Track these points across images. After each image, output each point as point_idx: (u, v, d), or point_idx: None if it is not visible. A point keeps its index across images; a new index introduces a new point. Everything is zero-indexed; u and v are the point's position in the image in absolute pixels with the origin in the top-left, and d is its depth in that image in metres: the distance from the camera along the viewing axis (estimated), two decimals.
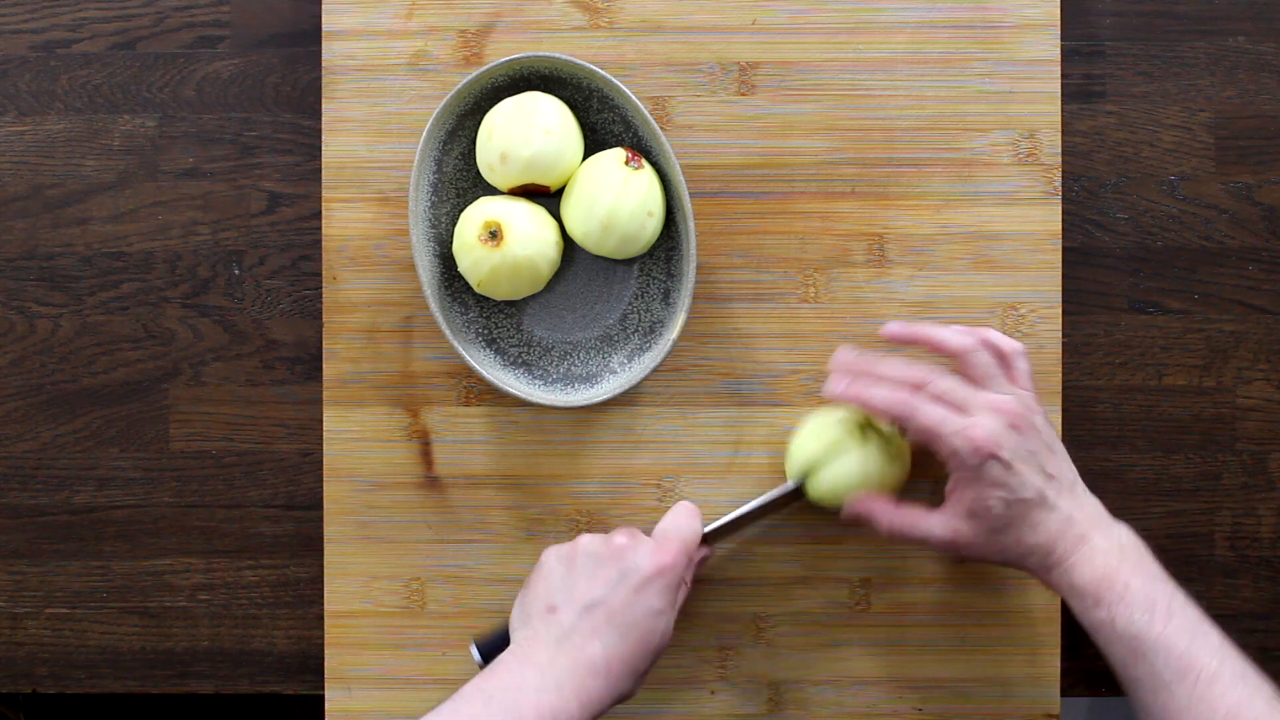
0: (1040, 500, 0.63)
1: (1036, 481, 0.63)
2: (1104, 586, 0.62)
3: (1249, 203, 0.75)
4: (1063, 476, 0.64)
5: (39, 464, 0.77)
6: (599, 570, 0.65)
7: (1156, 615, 0.60)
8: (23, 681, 0.77)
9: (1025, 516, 0.63)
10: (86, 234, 0.77)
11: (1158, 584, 0.62)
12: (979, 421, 0.63)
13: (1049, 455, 0.64)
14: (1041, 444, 0.64)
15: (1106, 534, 0.64)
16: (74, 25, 0.77)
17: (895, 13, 0.73)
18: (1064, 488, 0.64)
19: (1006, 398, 0.64)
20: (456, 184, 0.72)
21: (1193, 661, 0.59)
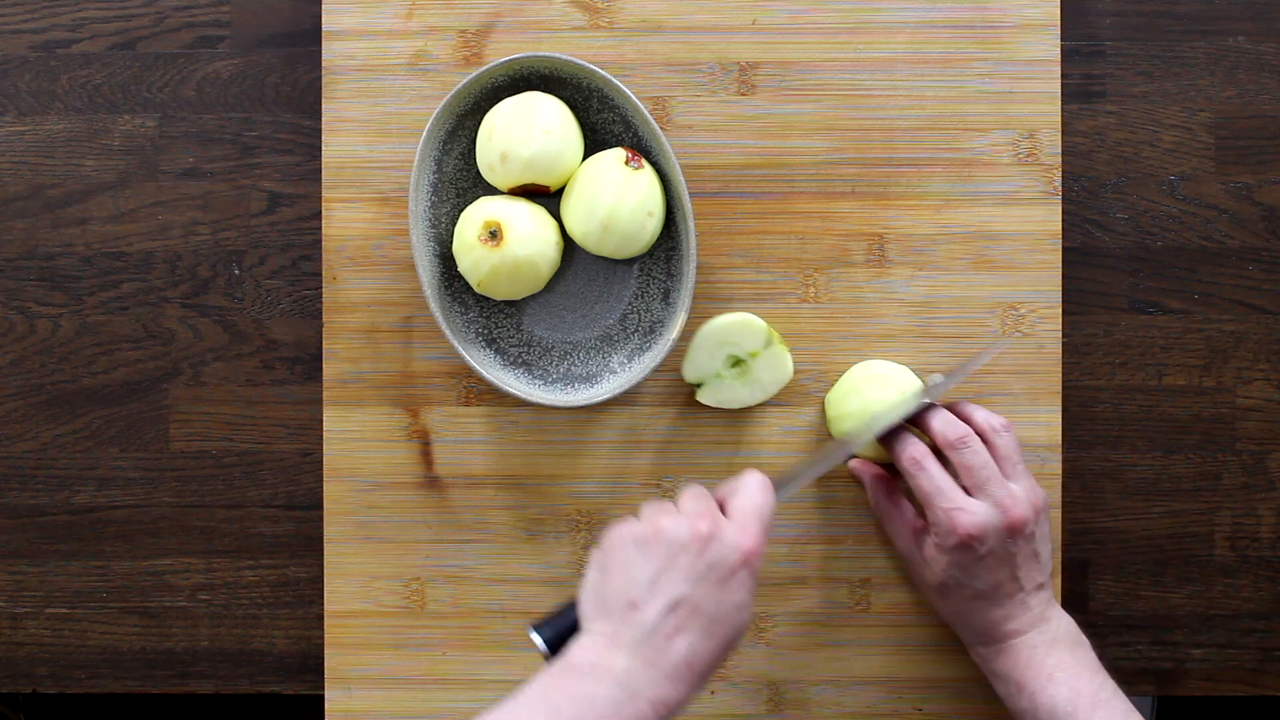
0: (991, 594, 0.66)
1: (998, 578, 0.66)
2: (1027, 675, 0.65)
3: (1249, 203, 0.75)
4: (1029, 581, 0.66)
5: (39, 464, 0.77)
6: (684, 560, 0.58)
7: (1080, 706, 0.63)
8: (23, 681, 0.77)
9: (969, 599, 0.67)
10: (86, 234, 0.77)
11: (1084, 675, 0.64)
12: (973, 510, 0.65)
13: (1029, 561, 0.66)
14: (1028, 551, 0.66)
15: (1045, 629, 0.66)
16: (74, 25, 0.77)
17: (895, 13, 0.73)
18: (1019, 591, 0.66)
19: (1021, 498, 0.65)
20: (456, 184, 0.72)
21: None
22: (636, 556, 0.59)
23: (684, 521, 0.60)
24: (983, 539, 0.64)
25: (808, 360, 0.74)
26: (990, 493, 0.65)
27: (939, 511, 0.65)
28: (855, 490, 0.74)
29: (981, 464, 0.66)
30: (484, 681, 0.75)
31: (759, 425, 0.74)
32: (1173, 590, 0.76)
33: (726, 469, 0.74)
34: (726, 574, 0.59)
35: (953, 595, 0.67)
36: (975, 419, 0.68)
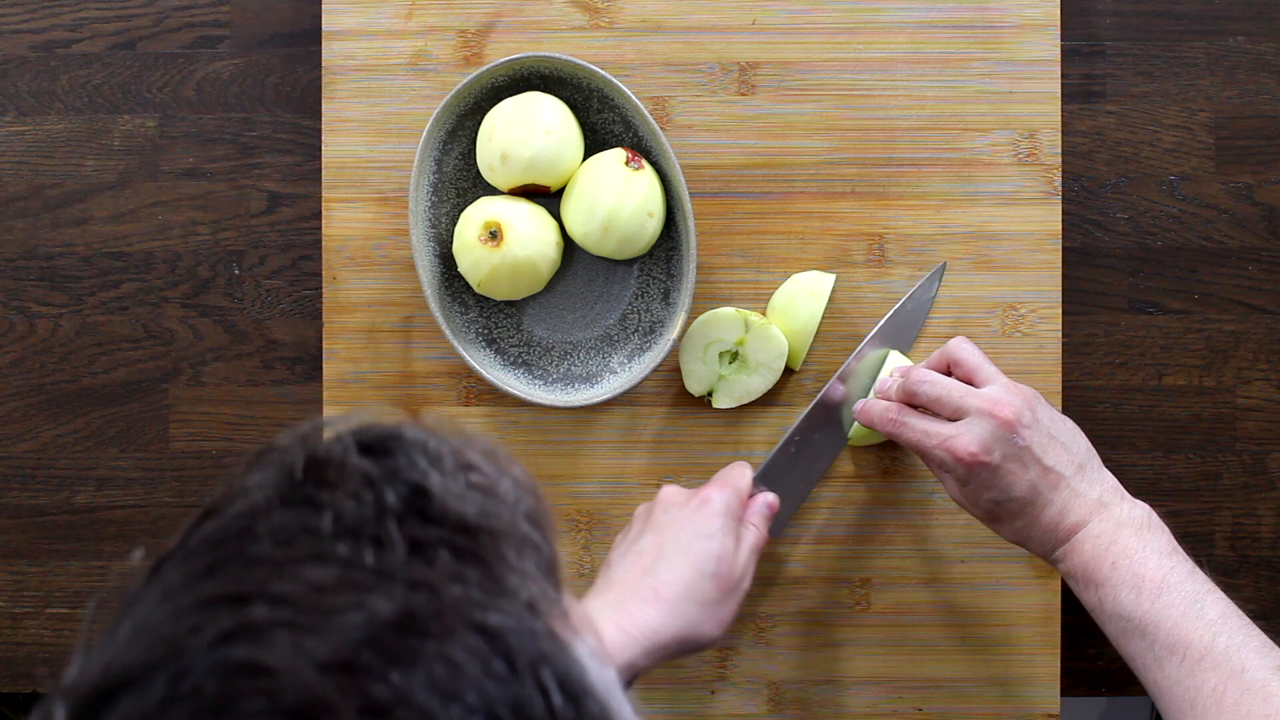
0: (1033, 496, 0.62)
1: (1030, 478, 0.62)
2: (1092, 568, 0.61)
3: (1249, 203, 0.75)
4: (1063, 465, 0.63)
5: (39, 464, 0.77)
6: (645, 519, 0.66)
7: (1144, 593, 0.59)
8: (23, 681, 0.77)
9: (1019, 512, 0.63)
10: (86, 234, 0.77)
11: (1150, 559, 0.60)
12: (962, 432, 0.62)
13: (1048, 446, 0.63)
14: (1039, 435, 0.63)
15: (1106, 516, 0.62)
16: (74, 25, 0.77)
17: (895, 13, 0.73)
18: (1064, 477, 0.62)
19: (1001, 396, 0.63)
20: (456, 184, 0.72)
21: (1181, 638, 0.57)
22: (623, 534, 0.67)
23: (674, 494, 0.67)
24: (988, 449, 0.61)
25: (807, 360, 0.74)
26: (969, 407, 0.63)
27: (936, 452, 0.63)
28: (855, 490, 0.74)
29: (945, 390, 0.64)
30: None
31: (759, 425, 0.74)
32: None
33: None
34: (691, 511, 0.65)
35: (1005, 517, 0.63)
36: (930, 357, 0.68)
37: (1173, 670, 0.57)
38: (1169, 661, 0.57)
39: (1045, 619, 0.74)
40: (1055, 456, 0.63)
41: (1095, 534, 0.61)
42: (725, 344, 0.71)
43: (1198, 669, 0.56)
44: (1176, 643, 0.57)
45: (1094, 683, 0.76)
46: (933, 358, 0.68)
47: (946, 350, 0.67)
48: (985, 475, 0.62)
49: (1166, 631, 0.58)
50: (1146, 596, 0.59)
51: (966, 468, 0.62)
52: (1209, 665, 0.56)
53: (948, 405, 0.64)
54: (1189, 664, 0.57)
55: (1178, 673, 0.57)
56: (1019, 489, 0.62)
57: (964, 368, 0.66)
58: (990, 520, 0.64)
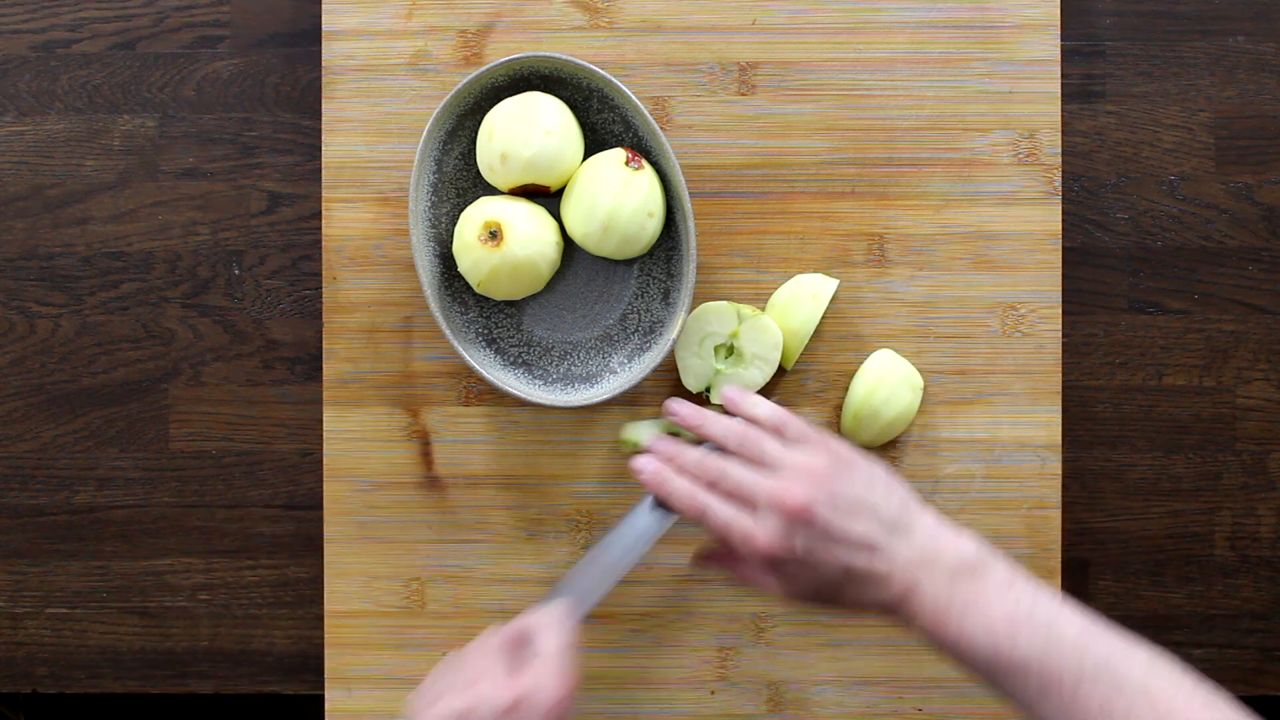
0: (847, 575, 0.60)
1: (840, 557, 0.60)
2: (940, 632, 0.59)
3: (1249, 203, 0.75)
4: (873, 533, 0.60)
5: (39, 464, 0.77)
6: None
7: (999, 638, 0.57)
8: (23, 681, 0.77)
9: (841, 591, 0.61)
10: (86, 234, 0.77)
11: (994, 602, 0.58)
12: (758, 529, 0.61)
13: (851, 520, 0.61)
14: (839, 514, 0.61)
15: (933, 572, 0.60)
16: (74, 25, 0.77)
17: (895, 13, 0.73)
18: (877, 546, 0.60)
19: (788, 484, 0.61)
20: (456, 184, 0.72)
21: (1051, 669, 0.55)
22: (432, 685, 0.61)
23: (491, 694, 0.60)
24: (787, 541, 0.60)
25: (808, 360, 0.74)
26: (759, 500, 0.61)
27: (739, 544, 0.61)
28: None
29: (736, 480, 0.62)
30: None
31: None
32: (1173, 590, 0.76)
33: None
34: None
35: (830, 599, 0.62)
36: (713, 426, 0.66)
37: (1055, 702, 0.55)
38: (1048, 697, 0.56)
39: None
40: (863, 526, 0.60)
41: (931, 596, 0.59)
42: (720, 337, 0.71)
43: (1078, 694, 0.55)
44: (1049, 676, 0.56)
45: None
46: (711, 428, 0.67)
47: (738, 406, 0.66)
48: (792, 567, 0.61)
49: (1035, 671, 0.56)
50: (1003, 641, 0.57)
51: (769, 562, 0.61)
52: (1087, 687, 0.55)
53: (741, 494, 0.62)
54: (1068, 691, 0.55)
55: (1060, 702, 0.55)
56: (831, 571, 0.60)
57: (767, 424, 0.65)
58: (820, 604, 0.62)
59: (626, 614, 0.75)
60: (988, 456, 0.74)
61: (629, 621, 0.75)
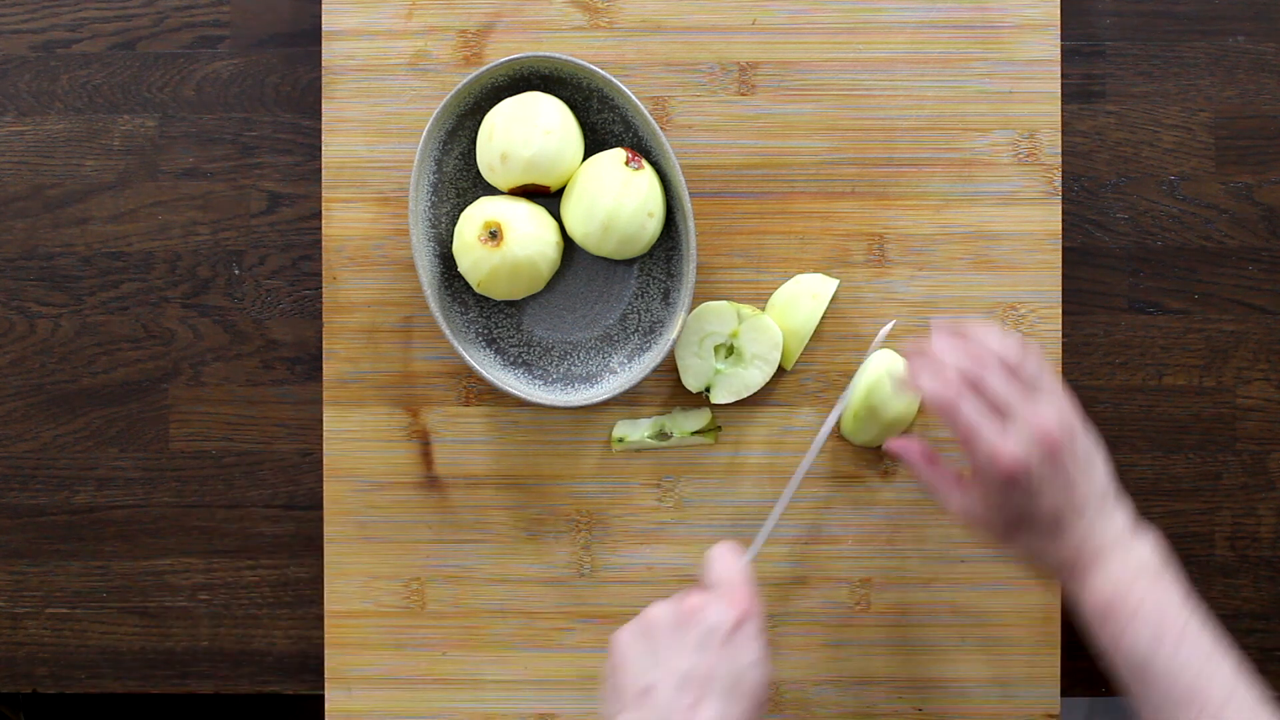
0: (1055, 521, 0.62)
1: (1055, 503, 0.62)
2: (1114, 607, 0.61)
3: (1249, 203, 0.75)
4: (1088, 496, 0.63)
5: (39, 464, 0.77)
6: (681, 636, 0.60)
7: (1165, 642, 0.59)
8: (23, 681, 0.77)
9: (1038, 530, 0.63)
10: (86, 234, 0.77)
11: (1170, 608, 0.60)
12: (1010, 444, 0.61)
13: (1078, 477, 0.62)
14: (1076, 463, 0.62)
15: (1125, 553, 0.62)
16: (74, 25, 0.77)
17: (895, 13, 0.73)
18: (1087, 507, 0.62)
19: (1050, 419, 0.62)
20: (456, 184, 0.72)
21: (1201, 690, 0.58)
22: (638, 646, 0.60)
23: (670, 604, 0.61)
24: (1027, 468, 0.61)
25: (808, 360, 0.74)
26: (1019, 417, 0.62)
27: (979, 455, 0.62)
28: (855, 490, 0.74)
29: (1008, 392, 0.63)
30: (484, 681, 0.75)
31: (758, 425, 0.74)
32: None
33: (727, 468, 0.74)
34: (725, 635, 0.60)
35: (1022, 532, 0.63)
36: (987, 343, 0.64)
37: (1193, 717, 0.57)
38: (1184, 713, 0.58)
39: (1045, 619, 0.74)
40: (1084, 485, 0.62)
41: (1115, 575, 0.61)
42: (720, 337, 0.71)
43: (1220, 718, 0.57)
44: (1195, 695, 0.58)
45: (1094, 683, 0.76)
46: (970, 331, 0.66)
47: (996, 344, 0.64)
48: (1020, 486, 0.62)
49: (1185, 684, 0.58)
50: (1167, 646, 0.59)
51: (1005, 474, 0.61)
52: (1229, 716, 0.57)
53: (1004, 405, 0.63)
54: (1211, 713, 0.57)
55: None
56: (1045, 508, 0.62)
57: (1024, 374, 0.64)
58: (1007, 533, 0.64)
59: (626, 614, 0.75)
60: None
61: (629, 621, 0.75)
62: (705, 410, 0.74)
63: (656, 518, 0.74)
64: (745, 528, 0.74)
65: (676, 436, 0.73)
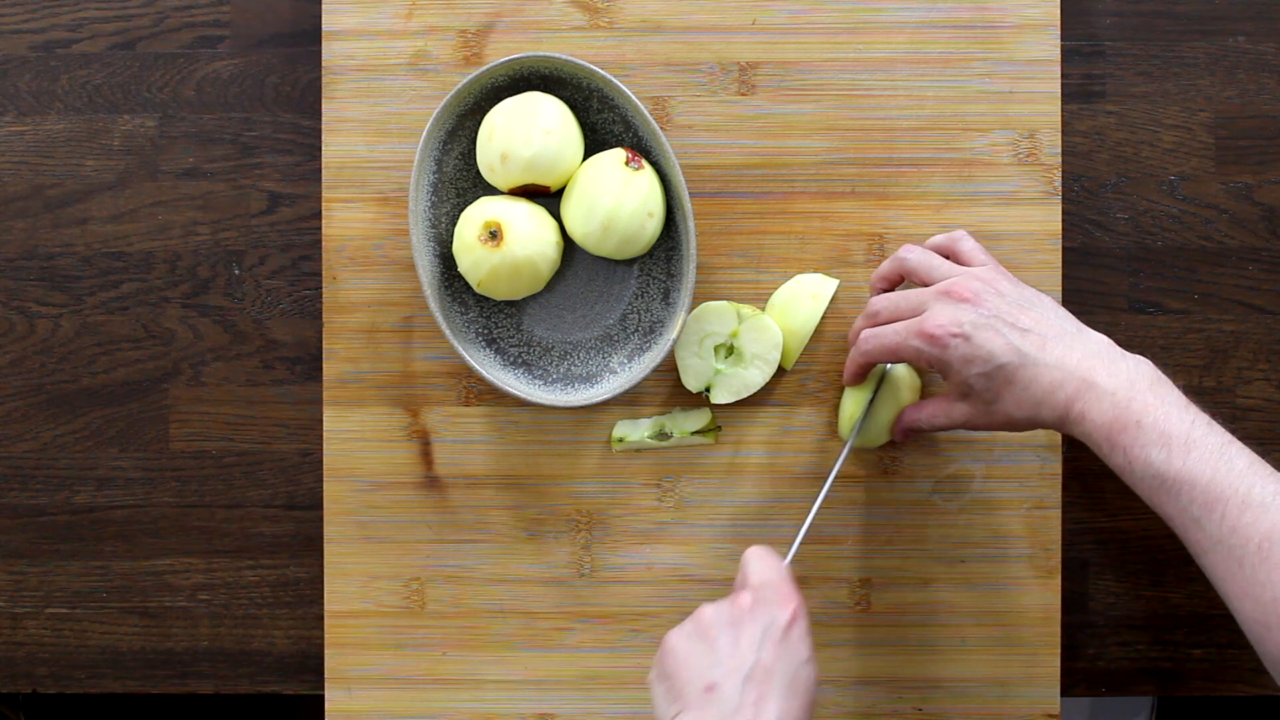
0: (1020, 359, 0.61)
1: (1010, 341, 0.61)
2: (1115, 430, 0.59)
3: (1249, 203, 0.75)
4: (1043, 327, 0.62)
5: (39, 464, 0.77)
6: (739, 634, 0.60)
7: (1174, 450, 0.57)
8: (23, 681, 0.77)
9: (1011, 379, 0.61)
10: (86, 234, 0.77)
11: (1172, 415, 0.59)
12: (925, 316, 0.63)
13: (1020, 311, 0.62)
14: (1008, 304, 0.62)
15: (1112, 371, 0.61)
16: (74, 25, 0.77)
17: (895, 13, 0.73)
18: (1049, 338, 0.62)
19: (959, 279, 0.63)
20: (456, 184, 0.72)
21: (1219, 492, 0.56)
22: (695, 647, 0.60)
23: (723, 604, 0.61)
24: (957, 322, 0.62)
25: (808, 360, 0.74)
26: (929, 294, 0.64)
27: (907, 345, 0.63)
28: (855, 490, 0.74)
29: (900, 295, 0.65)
30: (484, 681, 0.75)
31: (758, 425, 0.74)
32: (1173, 590, 0.76)
33: (727, 468, 0.74)
34: (781, 631, 0.60)
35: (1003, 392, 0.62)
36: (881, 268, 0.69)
37: (1213, 528, 0.56)
38: (1208, 520, 0.56)
39: (1045, 619, 0.74)
40: (1030, 319, 0.62)
41: (1109, 391, 0.60)
42: (719, 336, 0.71)
43: (1239, 523, 0.55)
44: (1213, 499, 0.56)
45: (1094, 683, 0.76)
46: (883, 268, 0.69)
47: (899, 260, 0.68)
48: (963, 348, 0.62)
49: (1201, 489, 0.56)
50: (1176, 454, 0.57)
51: (941, 346, 0.62)
52: (1250, 518, 0.55)
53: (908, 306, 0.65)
54: (1230, 519, 0.56)
55: (1219, 530, 0.56)
56: (1002, 354, 0.61)
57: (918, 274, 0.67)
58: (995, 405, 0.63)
59: (626, 614, 0.75)
60: (988, 456, 0.74)
61: (629, 621, 0.75)
62: (705, 410, 0.74)
63: (656, 518, 0.74)
64: (745, 528, 0.74)
65: (676, 436, 0.73)
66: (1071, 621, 0.75)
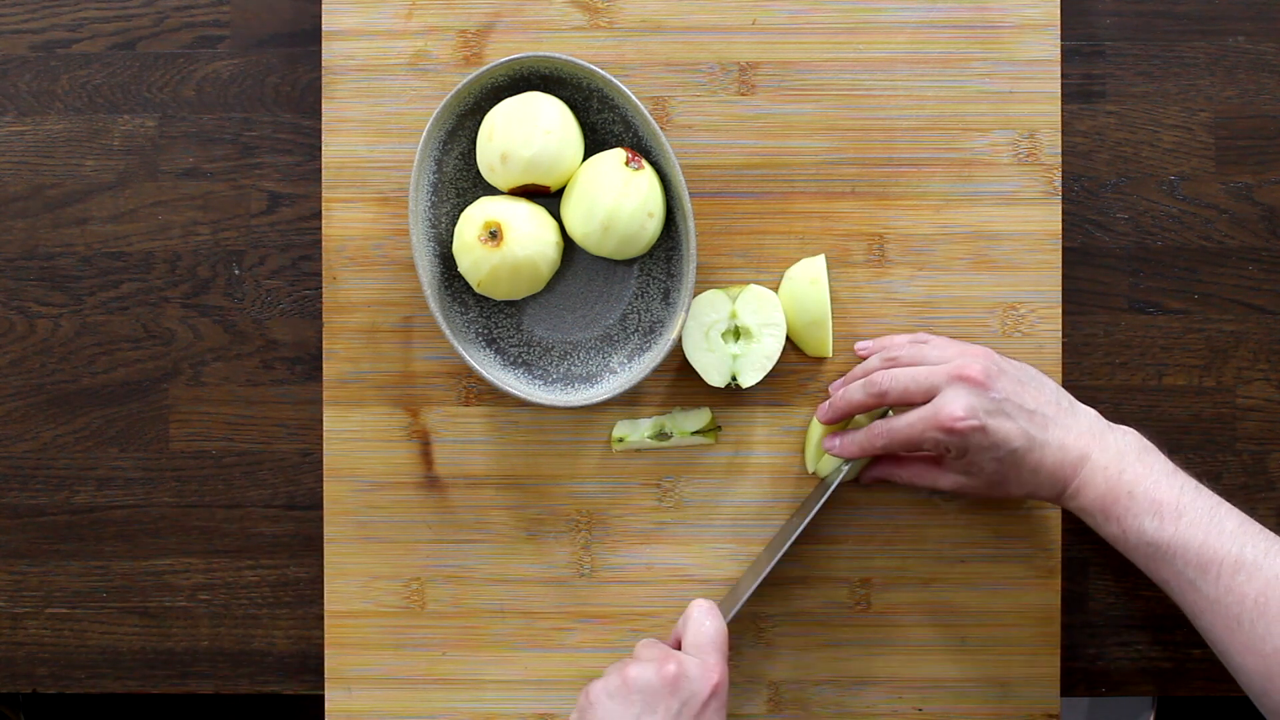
0: (1029, 444, 0.63)
1: (1020, 425, 0.63)
2: (1108, 502, 0.62)
3: (1249, 203, 0.75)
4: (1044, 406, 0.64)
5: (39, 464, 0.77)
6: (657, 704, 0.61)
7: (1165, 517, 0.60)
8: (23, 681, 0.77)
9: (1019, 463, 0.64)
10: (86, 234, 0.77)
11: (1162, 482, 0.61)
12: (941, 405, 0.63)
13: (1024, 390, 0.64)
14: (1014, 383, 0.64)
15: (1103, 446, 0.63)
16: (74, 25, 0.77)
17: (895, 13, 0.73)
18: (1050, 418, 0.64)
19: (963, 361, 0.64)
20: (456, 184, 0.72)
21: (1212, 555, 0.58)
22: (613, 708, 0.62)
23: (650, 666, 0.62)
24: (973, 411, 0.63)
25: (808, 360, 0.74)
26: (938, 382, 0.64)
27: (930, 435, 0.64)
28: (855, 490, 0.74)
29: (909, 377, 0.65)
30: (484, 681, 0.75)
31: (758, 425, 0.74)
32: None
33: (727, 468, 0.74)
34: (699, 708, 0.61)
35: (1010, 475, 0.65)
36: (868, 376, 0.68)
37: (1209, 590, 0.58)
38: (1203, 582, 0.58)
39: (1045, 619, 0.74)
40: (1033, 399, 0.64)
41: (1102, 466, 0.62)
42: (721, 322, 0.71)
43: (1234, 584, 0.57)
44: (1207, 561, 0.58)
45: (1094, 683, 0.76)
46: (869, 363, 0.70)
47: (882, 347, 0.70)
48: (978, 438, 0.63)
49: (1195, 552, 0.59)
50: (1168, 521, 0.60)
51: (960, 436, 0.63)
52: (1244, 578, 0.57)
53: (919, 389, 0.65)
54: (1224, 580, 0.58)
55: (1215, 591, 0.58)
56: (1014, 440, 0.63)
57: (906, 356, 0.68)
58: (999, 485, 0.65)
59: (626, 614, 0.75)
60: None
61: (629, 621, 0.75)
62: (705, 410, 0.74)
63: (656, 518, 0.74)
64: (745, 528, 0.74)
65: (676, 436, 0.73)
66: (1071, 621, 0.75)
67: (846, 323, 0.74)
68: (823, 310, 0.72)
